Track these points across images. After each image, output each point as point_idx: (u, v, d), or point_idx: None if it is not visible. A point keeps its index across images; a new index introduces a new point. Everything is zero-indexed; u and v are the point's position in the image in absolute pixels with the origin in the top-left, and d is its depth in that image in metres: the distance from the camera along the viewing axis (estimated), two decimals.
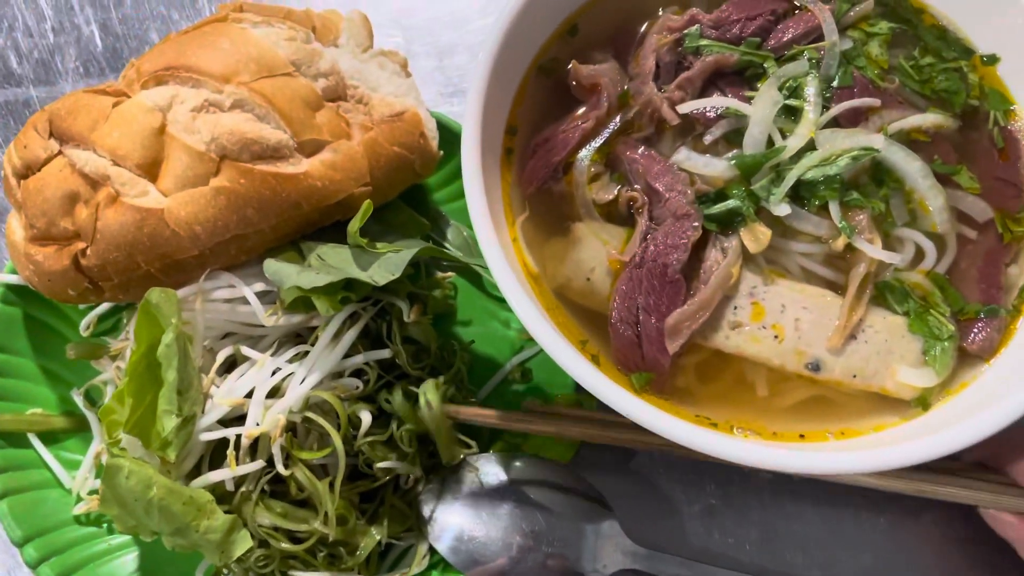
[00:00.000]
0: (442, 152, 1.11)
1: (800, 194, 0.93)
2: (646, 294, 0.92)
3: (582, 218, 0.98)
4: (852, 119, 0.96)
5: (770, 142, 0.95)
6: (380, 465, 0.97)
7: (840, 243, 0.92)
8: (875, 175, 0.94)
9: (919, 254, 0.94)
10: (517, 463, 1.04)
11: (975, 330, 0.91)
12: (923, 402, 0.90)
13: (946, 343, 0.90)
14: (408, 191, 1.12)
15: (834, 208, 0.92)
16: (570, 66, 1.02)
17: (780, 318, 0.91)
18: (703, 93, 1.00)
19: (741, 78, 1.00)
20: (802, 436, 0.89)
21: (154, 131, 0.96)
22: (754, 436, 0.89)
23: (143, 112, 0.96)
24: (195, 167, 0.95)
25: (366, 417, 0.94)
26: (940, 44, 1.03)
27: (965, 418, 0.82)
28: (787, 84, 0.97)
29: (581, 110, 1.01)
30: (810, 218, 0.93)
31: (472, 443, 1.01)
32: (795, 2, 1.03)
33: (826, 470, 0.80)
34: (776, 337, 0.91)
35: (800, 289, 0.92)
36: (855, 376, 0.90)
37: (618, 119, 1.01)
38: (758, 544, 1.06)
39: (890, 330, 0.91)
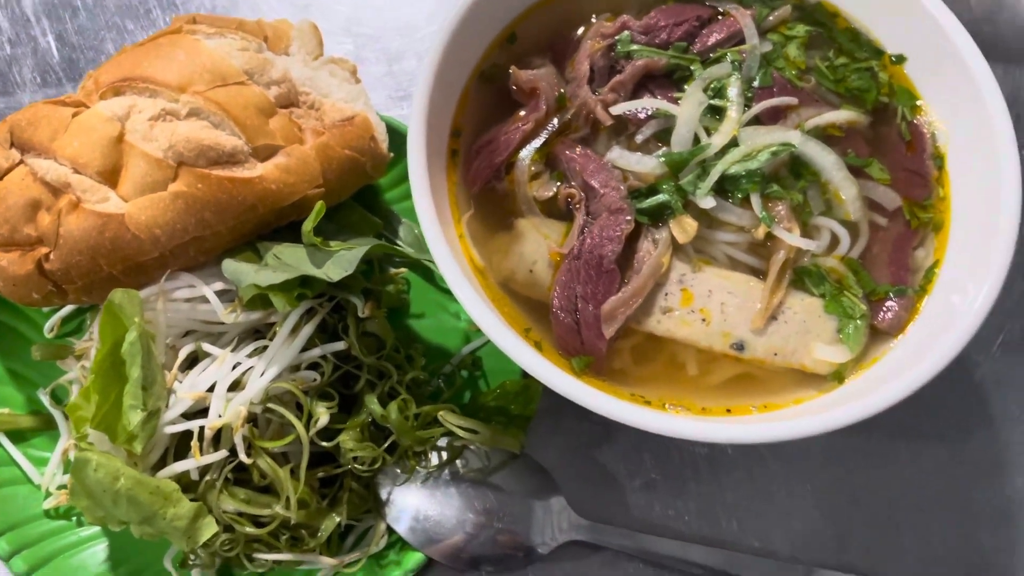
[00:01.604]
0: (392, 154, 1.16)
1: (724, 188, 1.00)
2: (584, 283, 0.98)
3: (524, 214, 1.05)
4: (772, 117, 1.04)
5: (697, 140, 1.02)
6: (347, 450, 1.02)
7: (761, 232, 0.99)
8: (793, 168, 1.02)
9: (834, 241, 1.02)
10: (471, 448, 1.10)
11: (884, 309, 0.99)
12: (838, 376, 0.98)
13: (859, 322, 0.98)
14: (360, 192, 1.17)
15: (755, 200, 0.99)
16: (510, 71, 1.08)
17: (707, 302, 0.98)
18: (635, 95, 1.07)
19: (670, 80, 1.07)
20: (729, 411, 0.96)
21: (113, 140, 1.00)
22: (685, 412, 0.96)
23: (102, 122, 1.00)
24: (154, 173, 0.99)
25: (323, 419, 0.99)
26: (853, 46, 1.11)
27: (875, 389, 0.90)
28: (712, 85, 1.04)
29: (521, 113, 1.08)
30: (734, 210, 1.00)
31: (434, 434, 1.07)
32: (719, 8, 1.11)
33: (749, 439, 0.87)
34: (704, 320, 0.98)
35: (725, 276, 1.00)
36: (776, 354, 0.97)
37: (556, 121, 1.07)
38: (696, 515, 1.14)
39: (808, 311, 0.98)
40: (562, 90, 1.08)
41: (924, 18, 1.04)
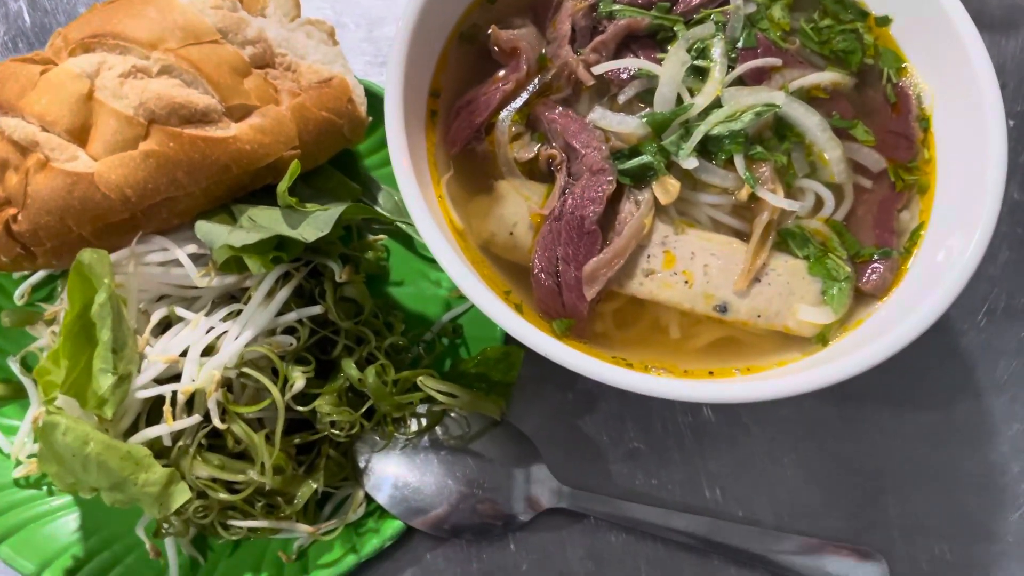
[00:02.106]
0: (371, 118, 1.14)
1: (708, 149, 0.99)
2: (565, 245, 0.96)
3: (504, 176, 1.03)
4: (756, 78, 1.02)
5: (680, 100, 1.00)
6: (324, 415, 1.00)
7: (744, 193, 0.98)
8: (778, 130, 1.01)
9: (819, 203, 1.00)
10: (451, 414, 1.08)
11: (869, 271, 0.98)
12: (822, 338, 0.96)
13: (843, 283, 0.97)
14: (339, 157, 1.15)
15: (739, 161, 0.97)
16: (490, 31, 1.06)
17: (690, 264, 0.97)
18: (617, 55, 1.05)
19: (653, 41, 1.06)
20: (711, 373, 0.95)
21: (82, 97, 0.97)
22: (667, 374, 0.94)
23: (71, 79, 0.98)
24: (124, 131, 0.97)
25: (299, 383, 0.97)
26: (838, 7, 1.09)
27: (859, 349, 0.89)
28: (695, 46, 1.02)
29: (501, 73, 1.06)
30: (717, 171, 0.99)
31: (413, 399, 1.05)
32: None
33: (730, 398, 0.86)
34: (687, 283, 0.97)
35: (708, 237, 0.98)
36: (759, 316, 0.96)
37: (537, 81, 1.05)
38: (680, 484, 1.12)
39: (791, 273, 0.97)
40: (543, 51, 1.06)
41: None
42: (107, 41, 1.00)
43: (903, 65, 1.06)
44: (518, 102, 1.04)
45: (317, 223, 0.98)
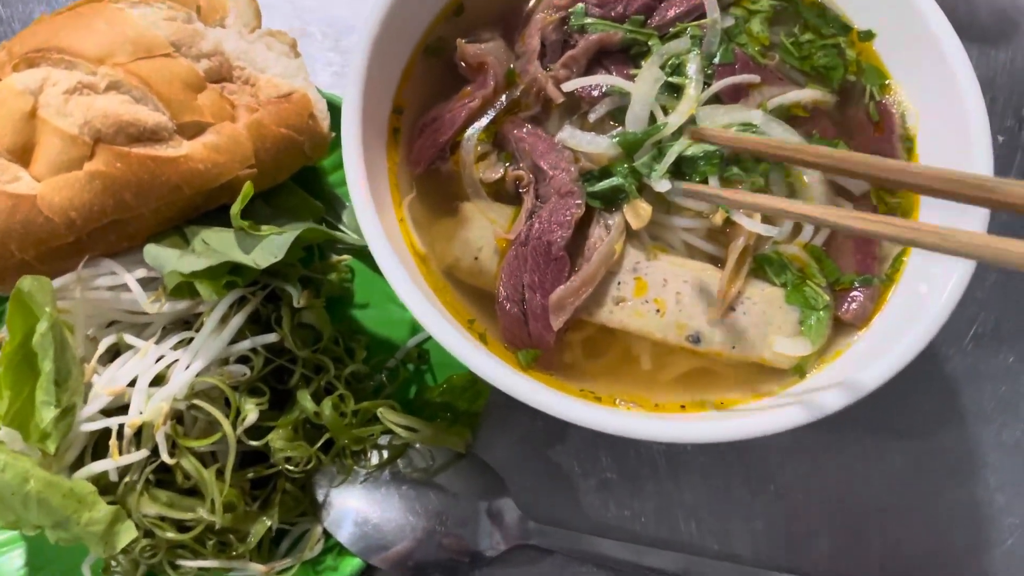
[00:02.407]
0: (334, 133, 1.09)
1: (682, 170, 0.94)
2: (531, 271, 0.92)
3: (470, 197, 0.98)
4: (733, 95, 0.98)
5: (653, 119, 0.96)
6: (277, 450, 0.96)
7: (719, 218, 0.94)
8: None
9: (797, 227, 0.96)
10: (413, 446, 1.04)
11: (849, 299, 0.94)
12: (800, 370, 0.92)
13: (821, 313, 0.92)
14: (301, 174, 1.10)
15: (714, 183, 0.93)
16: (457, 45, 1.02)
17: (662, 292, 0.92)
18: (588, 71, 1.00)
19: (626, 56, 1.01)
20: (683, 407, 0.90)
21: (25, 115, 0.93)
22: (637, 408, 0.90)
23: (13, 95, 0.93)
24: (68, 151, 0.92)
25: (252, 416, 0.93)
26: (819, 21, 1.05)
27: (837, 384, 0.85)
28: (669, 62, 0.98)
29: (467, 89, 1.01)
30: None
31: (373, 431, 1.01)
32: None
33: (700, 438, 0.82)
34: (658, 311, 0.92)
35: (681, 263, 0.94)
36: (734, 347, 0.92)
37: (504, 98, 1.01)
38: (654, 515, 1.08)
39: (768, 301, 0.93)
40: (512, 66, 1.02)
41: None
42: (52, 55, 0.95)
43: (887, 82, 1.02)
44: (485, 120, 1.00)
45: (271, 248, 0.93)
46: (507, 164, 0.99)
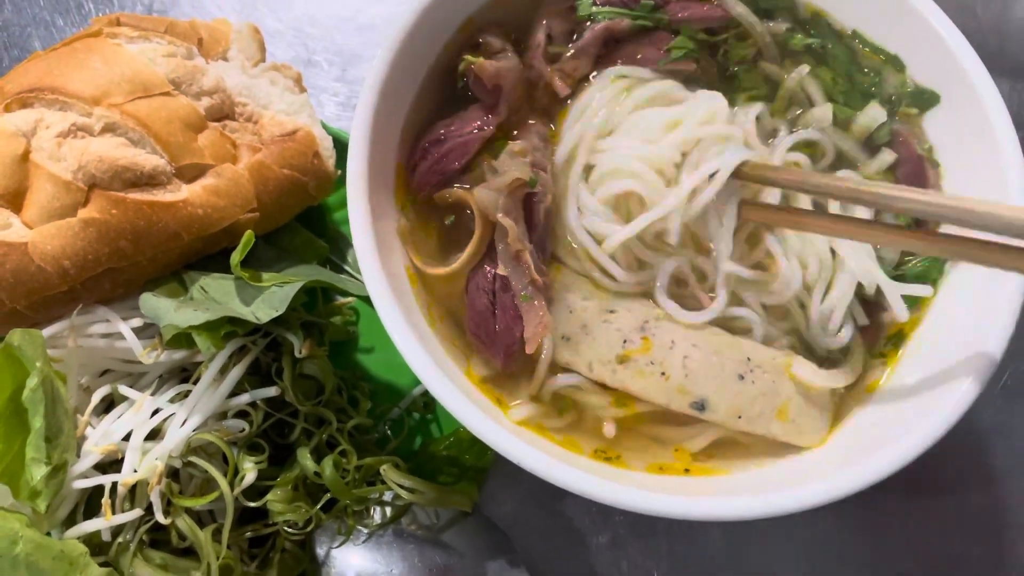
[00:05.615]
0: (340, 171, 1.05)
1: None
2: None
3: None
4: None
5: None
6: (275, 512, 0.92)
7: None
8: None
9: None
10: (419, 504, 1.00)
11: None
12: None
13: None
14: (306, 212, 1.06)
15: None
16: (470, 63, 0.95)
17: (668, 355, 0.87)
18: (598, 62, 0.98)
19: (637, 44, 0.97)
20: (687, 470, 0.86)
21: (17, 158, 0.89)
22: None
23: (5, 138, 0.89)
24: (61, 197, 0.88)
25: (250, 476, 0.89)
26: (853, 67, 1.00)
27: (857, 457, 0.81)
28: None
29: (479, 116, 0.95)
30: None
31: (377, 491, 0.97)
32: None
33: (720, 516, 0.79)
34: (663, 374, 0.87)
35: (691, 326, 0.89)
36: (740, 417, 0.87)
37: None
38: (667, 574, 1.04)
39: (777, 372, 0.88)
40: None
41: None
42: (46, 96, 0.92)
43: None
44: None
45: (272, 300, 0.89)
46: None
